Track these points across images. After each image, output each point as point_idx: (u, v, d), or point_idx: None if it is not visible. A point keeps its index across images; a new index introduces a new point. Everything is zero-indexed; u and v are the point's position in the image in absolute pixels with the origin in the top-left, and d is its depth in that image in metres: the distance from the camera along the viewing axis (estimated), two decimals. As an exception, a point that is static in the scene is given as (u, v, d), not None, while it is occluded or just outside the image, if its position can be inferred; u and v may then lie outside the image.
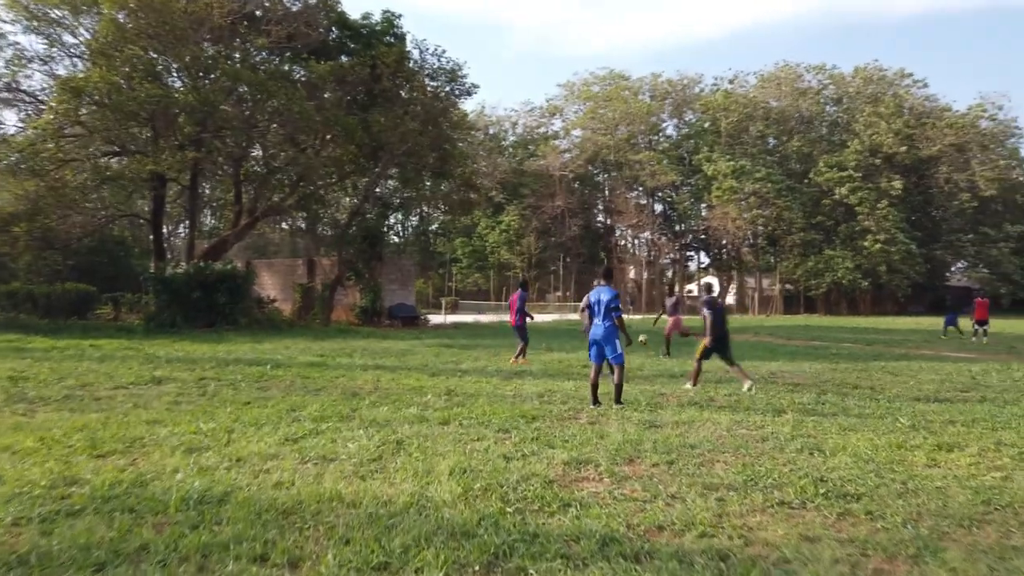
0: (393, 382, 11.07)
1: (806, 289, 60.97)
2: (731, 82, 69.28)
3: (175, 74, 23.61)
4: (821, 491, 5.09)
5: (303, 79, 24.39)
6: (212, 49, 23.40)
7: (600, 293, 9.28)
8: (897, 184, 58.41)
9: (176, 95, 21.60)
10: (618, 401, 8.97)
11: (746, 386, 10.43)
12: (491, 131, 69.53)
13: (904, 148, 60.08)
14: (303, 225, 27.93)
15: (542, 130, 71.70)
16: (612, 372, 9.15)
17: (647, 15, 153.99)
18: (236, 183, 27.25)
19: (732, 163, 59.67)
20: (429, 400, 9.20)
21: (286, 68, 25.20)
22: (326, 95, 25.12)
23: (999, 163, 59.68)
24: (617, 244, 69.30)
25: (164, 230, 30.85)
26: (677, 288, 25.06)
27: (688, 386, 10.77)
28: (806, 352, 18.84)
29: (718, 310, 11.07)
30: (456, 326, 30.16)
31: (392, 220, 31.86)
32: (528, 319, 15.43)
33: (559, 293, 64.94)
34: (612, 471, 5.62)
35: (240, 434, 6.83)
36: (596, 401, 9.00)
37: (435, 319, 33.86)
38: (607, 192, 69.31)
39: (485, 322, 34.51)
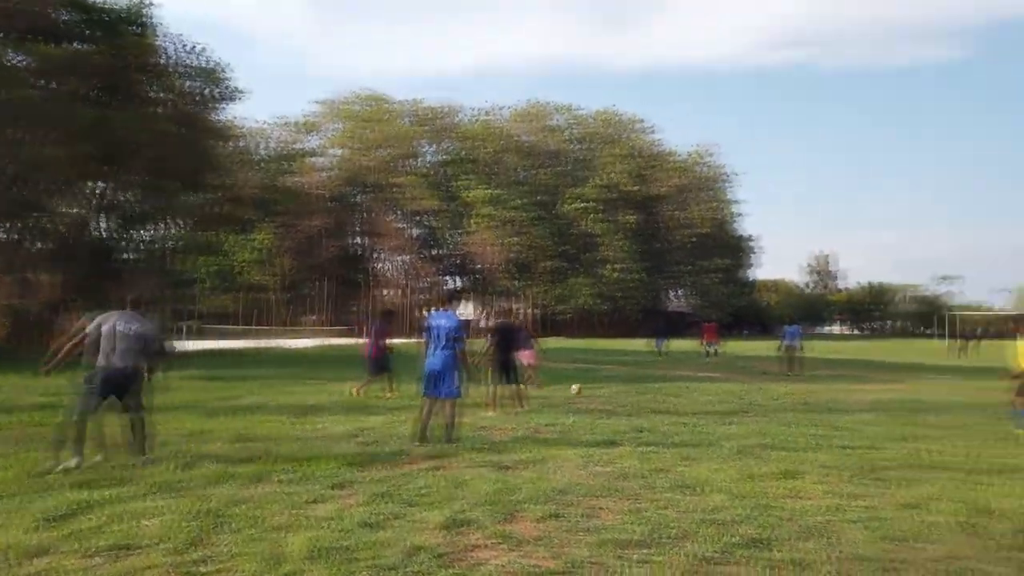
0: (165, 425, 9.14)
1: (554, 313, 64.45)
2: (487, 114, 71.81)
3: None
4: (732, 540, 4.70)
5: (25, 64, 20.37)
6: None
7: (440, 319, 8.38)
8: (631, 218, 64.26)
9: None
10: (449, 439, 8.11)
11: (519, 409, 10.99)
12: (241, 143, 64.89)
13: (637, 187, 66.32)
14: (16, 236, 23.26)
15: (298, 146, 68.41)
16: (445, 408, 8.29)
17: (397, 45, 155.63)
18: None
19: (489, 191, 61.57)
20: (221, 449, 7.62)
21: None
22: (53, 84, 21.24)
23: (713, 204, 68.28)
24: (375, 267, 68.05)
25: None
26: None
27: (490, 413, 10.74)
28: (580, 375, 19.25)
29: (504, 334, 11.80)
30: (211, 354, 27.01)
31: (131, 234, 27.73)
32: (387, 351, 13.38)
33: (315, 317, 62.03)
34: (501, 532, 4.77)
35: (-28, 517, 4.91)
36: (423, 439, 8.06)
37: (183, 346, 30.13)
38: (365, 214, 67.88)
39: (240, 348, 31.45)
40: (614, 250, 62.66)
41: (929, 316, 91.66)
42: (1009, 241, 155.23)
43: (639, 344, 37.29)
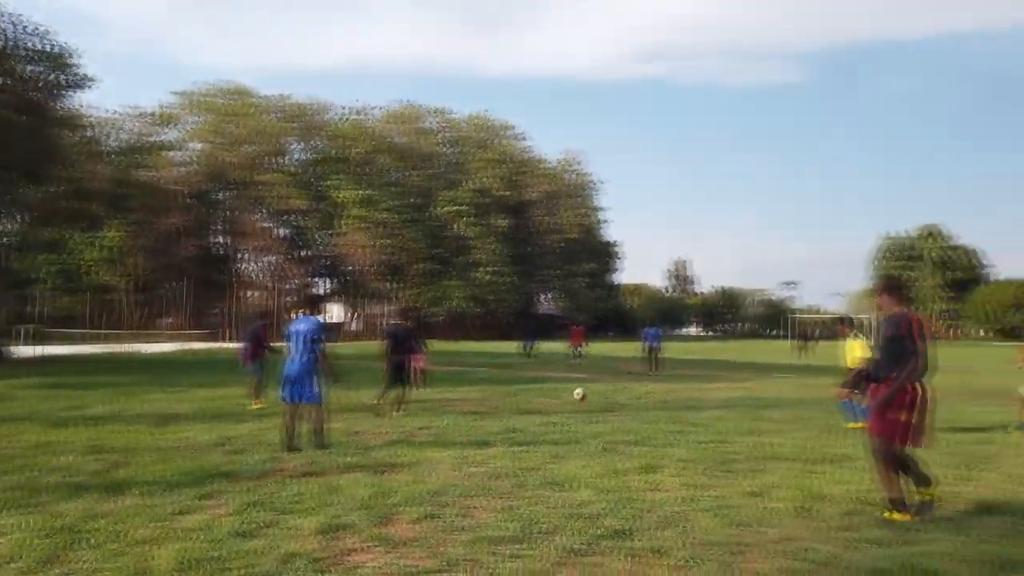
0: (7, 439, 8.48)
1: (426, 316, 64.25)
2: (359, 113, 70.58)
3: None
4: (597, 532, 4.99)
5: None
6: None
7: (301, 323, 8.26)
8: (503, 223, 65.22)
9: None
10: (320, 446, 8.01)
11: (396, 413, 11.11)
12: (89, 133, 60.29)
13: (508, 192, 67.37)
14: None
15: (154, 138, 64.38)
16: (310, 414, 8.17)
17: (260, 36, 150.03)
18: None
19: (360, 192, 60.55)
20: (73, 461, 7.18)
21: None
22: None
23: (581, 210, 70.45)
24: (239, 267, 65.23)
25: None
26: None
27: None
28: (456, 378, 19.49)
29: (396, 337, 12.08)
30: (54, 360, 24.98)
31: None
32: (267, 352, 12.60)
33: (171, 320, 58.66)
34: (378, 535, 4.83)
35: None
36: (292, 447, 7.93)
37: (22, 351, 27.71)
38: (228, 212, 64.89)
39: (88, 353, 29.31)
40: (486, 253, 63.35)
41: (775, 318, 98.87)
42: (843, 249, 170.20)
43: (511, 346, 37.98)
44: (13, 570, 4.06)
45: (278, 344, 10.65)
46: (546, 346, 33.62)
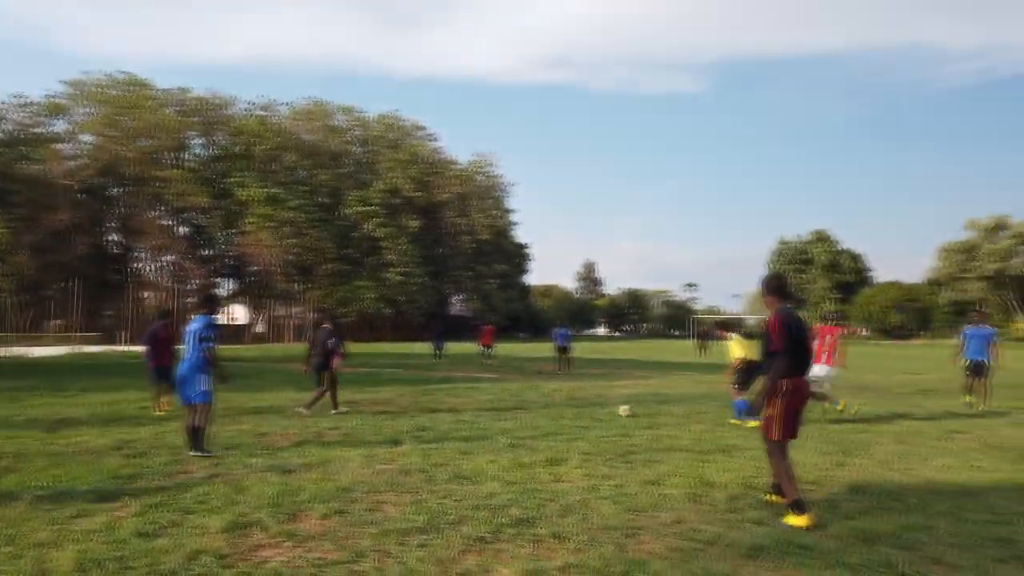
0: None
1: (336, 317, 63.12)
2: (264, 109, 68.67)
3: None
4: (502, 521, 5.20)
5: None
6: None
7: (193, 323, 8.03)
8: (414, 223, 64.87)
9: None
10: (197, 448, 7.71)
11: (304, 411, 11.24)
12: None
13: (420, 192, 67.07)
14: None
15: (40, 130, 60.69)
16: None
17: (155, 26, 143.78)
18: None
19: (266, 190, 58.93)
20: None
21: None
22: None
23: (492, 212, 70.88)
24: (135, 267, 62.33)
25: None
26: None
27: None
28: (366, 379, 19.36)
29: (321, 337, 12.24)
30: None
31: None
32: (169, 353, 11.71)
33: (60, 322, 55.40)
34: (285, 531, 4.89)
35: None
36: (199, 447, 7.79)
37: None
38: (124, 208, 61.86)
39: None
40: (397, 254, 62.87)
41: (678, 319, 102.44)
42: (740, 252, 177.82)
43: (422, 347, 37.89)
44: (-102, 578, 3.92)
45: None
46: (456, 346, 33.73)
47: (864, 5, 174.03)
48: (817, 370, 10.56)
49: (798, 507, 5.23)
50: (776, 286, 5.85)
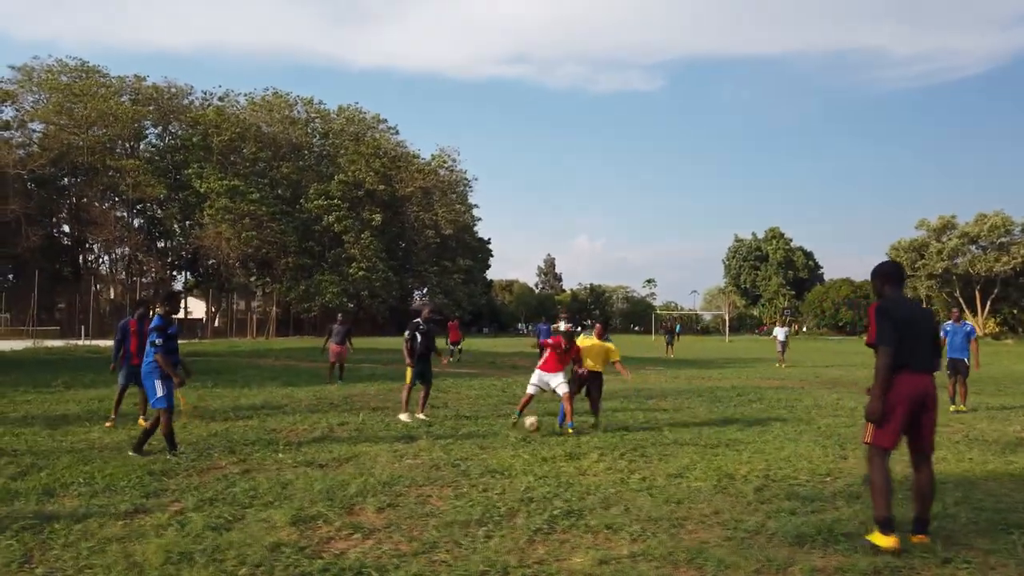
0: None
1: (298, 312, 62.45)
2: (222, 99, 67.42)
3: None
4: (553, 513, 5.42)
5: None
6: None
7: (154, 321, 7.71)
8: (377, 217, 64.44)
9: None
10: (137, 448, 7.41)
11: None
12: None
13: (382, 186, 66.64)
14: None
15: (-14, 117, 58.55)
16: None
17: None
18: None
19: (225, 182, 57.87)
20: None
21: None
22: None
23: (456, 207, 70.82)
24: (88, 259, 60.68)
25: None
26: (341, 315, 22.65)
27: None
28: (348, 374, 19.26)
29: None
30: None
31: None
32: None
33: (7, 315, 53.67)
34: (349, 524, 5.03)
35: None
36: (173, 447, 7.42)
37: None
38: (77, 199, 60.12)
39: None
40: (360, 248, 62.38)
41: (637, 315, 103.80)
42: (695, 250, 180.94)
43: (389, 342, 37.79)
44: (-10, 574, 3.97)
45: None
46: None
47: (810, 10, 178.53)
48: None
49: (886, 526, 4.60)
50: (879, 271, 5.16)
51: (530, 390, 10.06)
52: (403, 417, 10.65)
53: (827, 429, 10.08)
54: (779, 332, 25.25)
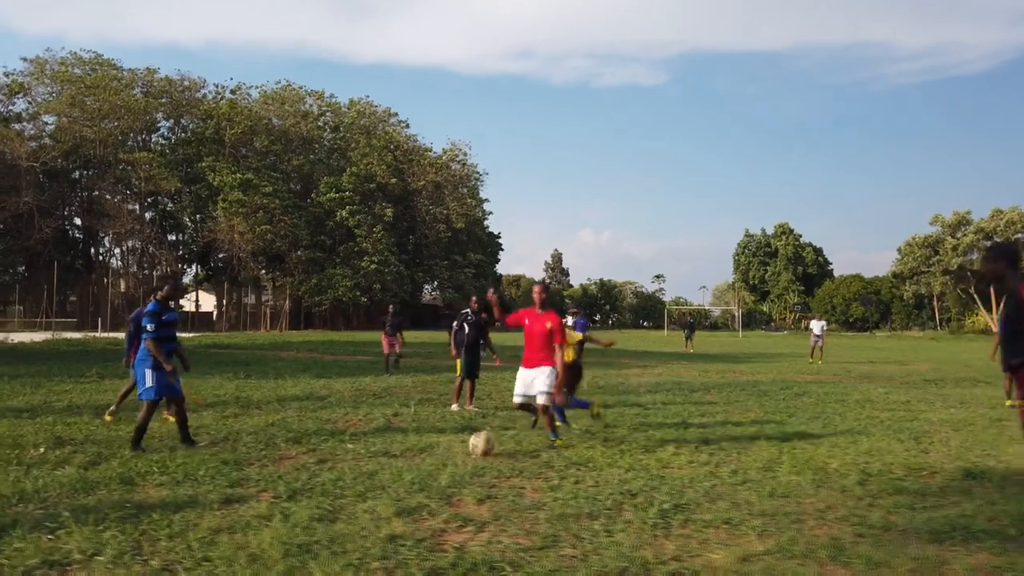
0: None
1: (309, 305, 62.21)
2: (234, 92, 67.16)
3: None
4: (662, 507, 5.15)
5: None
6: None
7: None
8: (389, 211, 64.13)
9: None
10: (187, 441, 7.12)
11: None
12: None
13: (394, 180, 66.34)
14: None
15: (-1, 109, 58.39)
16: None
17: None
18: None
19: (239, 175, 57.61)
20: (49, 454, 6.60)
21: None
22: None
23: (468, 201, 70.48)
24: (100, 251, 60.58)
25: None
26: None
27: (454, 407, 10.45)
28: (365, 368, 18.97)
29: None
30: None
31: None
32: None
33: (20, 307, 53.66)
34: (456, 516, 4.78)
35: None
36: (136, 446, 6.86)
37: None
38: (89, 192, 59.92)
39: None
40: (372, 242, 62.09)
41: (647, 310, 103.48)
42: (702, 245, 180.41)
43: (408, 336, 37.50)
44: (102, 563, 3.73)
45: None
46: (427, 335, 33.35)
47: (816, 5, 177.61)
48: None
49: None
50: (1005, 251, 4.96)
51: (517, 400, 7.60)
52: (454, 407, 10.47)
53: (891, 423, 9.81)
54: (815, 326, 24.88)
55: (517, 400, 7.56)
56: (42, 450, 6.77)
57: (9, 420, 8.69)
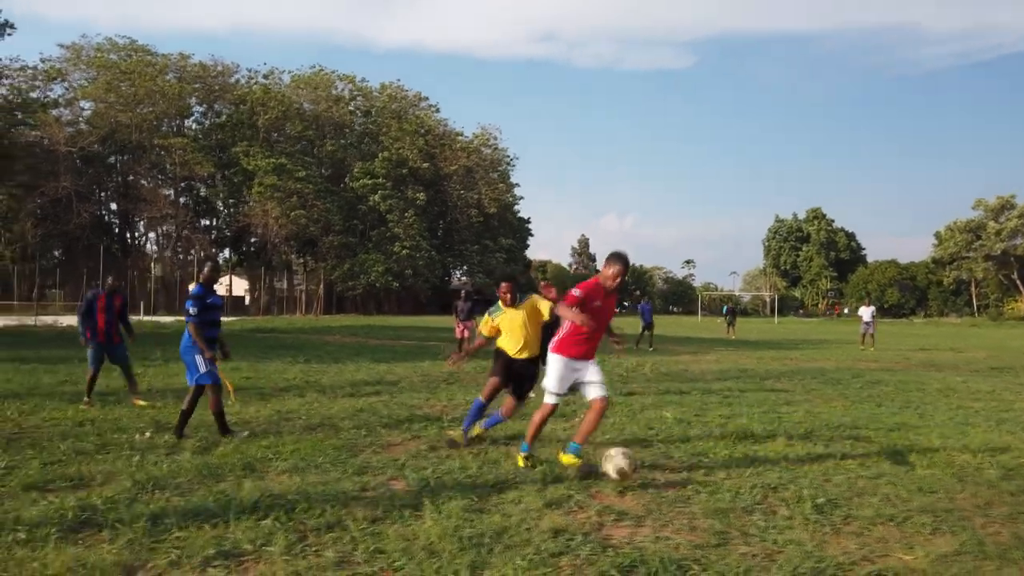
0: (29, 417, 7.56)
1: (342, 290, 62.47)
2: (266, 77, 67.31)
3: None
4: (817, 502, 4.92)
5: None
6: None
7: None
8: (421, 196, 64.07)
9: None
10: (224, 431, 6.77)
11: None
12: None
13: (426, 164, 66.21)
14: None
15: (36, 95, 58.92)
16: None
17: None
18: None
19: (272, 160, 57.80)
20: (157, 439, 6.52)
21: None
22: None
23: (499, 186, 70.19)
24: (135, 236, 61.21)
25: None
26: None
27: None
28: (416, 353, 18.84)
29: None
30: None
31: None
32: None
33: (61, 291, 54.39)
34: (609, 510, 4.57)
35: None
36: (225, 430, 6.77)
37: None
38: (124, 177, 60.49)
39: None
40: (404, 227, 62.10)
41: (678, 295, 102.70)
42: (730, 231, 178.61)
43: (435, 321, 37.55)
44: (275, 554, 3.58)
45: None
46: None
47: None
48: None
49: None
50: None
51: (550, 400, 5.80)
52: (531, 395, 10.26)
53: (988, 413, 9.46)
54: (865, 312, 24.37)
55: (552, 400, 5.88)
56: (148, 435, 6.68)
57: (99, 404, 8.63)
